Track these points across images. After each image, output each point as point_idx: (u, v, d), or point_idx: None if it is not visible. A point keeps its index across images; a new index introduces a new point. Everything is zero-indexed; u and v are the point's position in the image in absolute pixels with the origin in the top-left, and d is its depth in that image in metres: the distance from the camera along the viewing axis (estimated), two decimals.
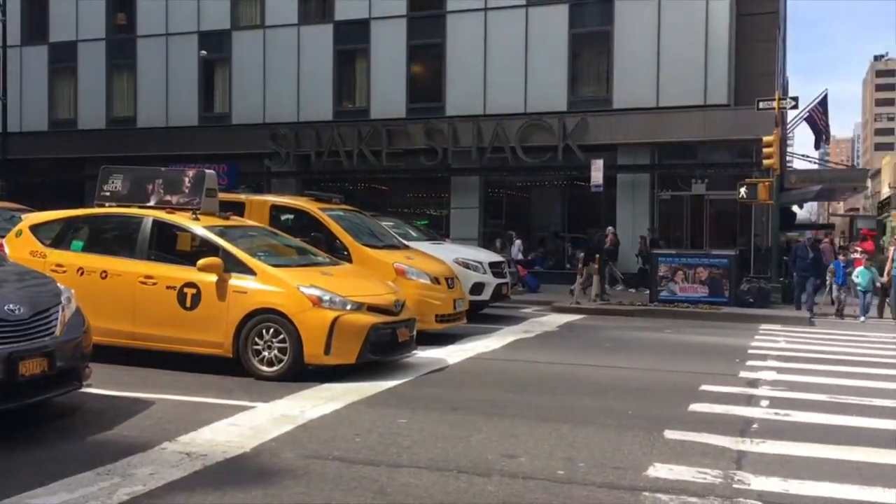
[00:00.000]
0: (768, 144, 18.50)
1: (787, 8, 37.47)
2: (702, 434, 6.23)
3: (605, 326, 14.30)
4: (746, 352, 11.08)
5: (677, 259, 18.02)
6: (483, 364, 9.68)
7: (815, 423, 6.78)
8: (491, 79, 25.43)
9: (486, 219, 26.31)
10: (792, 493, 4.87)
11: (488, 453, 5.62)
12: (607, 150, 23.46)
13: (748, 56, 23.92)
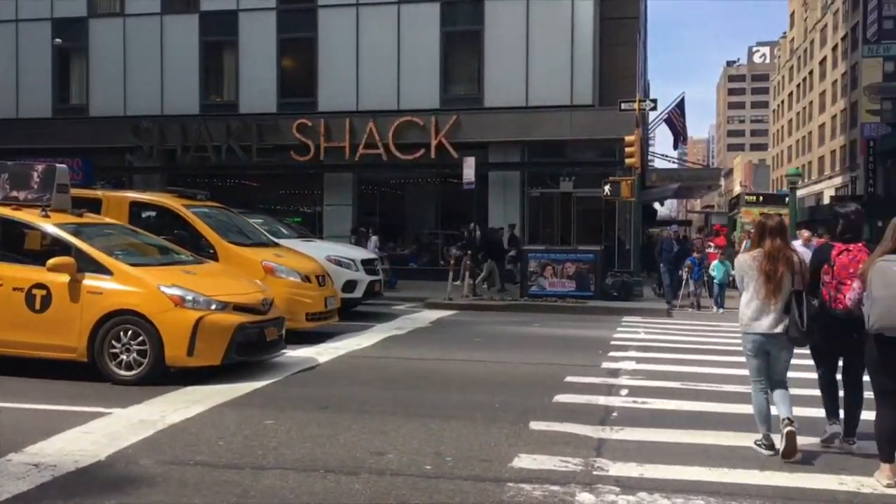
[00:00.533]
0: (630, 144, 19.30)
1: (647, 13, 39.23)
2: (565, 424, 6.43)
3: (476, 322, 14.52)
4: (609, 343, 11.52)
5: (546, 255, 18.53)
6: (354, 362, 9.63)
7: (669, 410, 7.13)
8: (364, 75, 25.32)
9: (360, 216, 26.16)
10: (646, 477, 5.10)
11: (357, 451, 5.59)
12: (479, 148, 23.82)
13: (611, 59, 24.88)
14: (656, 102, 21.80)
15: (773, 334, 5.72)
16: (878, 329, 5.06)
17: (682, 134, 32.85)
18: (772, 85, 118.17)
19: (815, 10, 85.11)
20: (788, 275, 5.73)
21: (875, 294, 5.02)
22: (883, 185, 58.45)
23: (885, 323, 5.00)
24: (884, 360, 5.16)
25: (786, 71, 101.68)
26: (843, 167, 71.17)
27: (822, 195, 74.58)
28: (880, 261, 5.11)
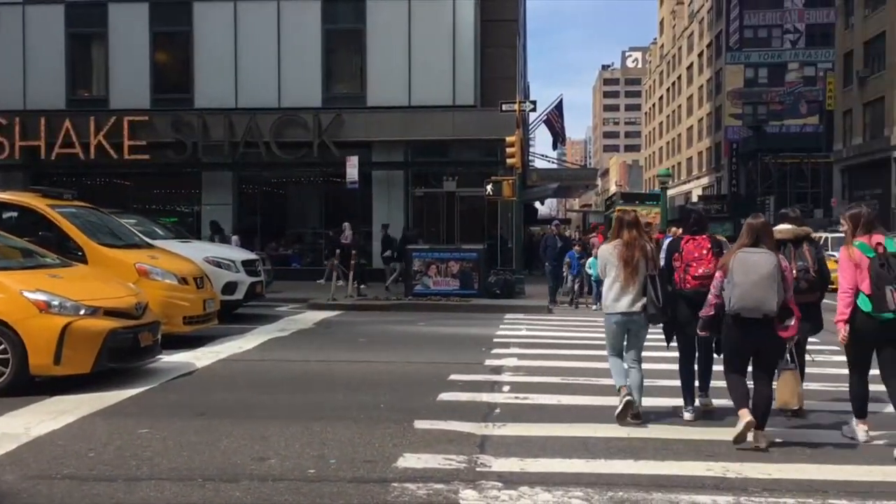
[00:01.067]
0: (511, 144, 19.67)
1: (526, 16, 40.09)
2: (449, 422, 6.48)
3: (360, 322, 14.43)
4: (492, 340, 11.70)
5: (430, 254, 18.64)
6: (234, 366, 9.38)
7: (550, 405, 7.31)
8: (243, 71, 24.74)
9: (241, 215, 25.57)
10: (528, 472, 5.21)
11: (237, 458, 5.45)
12: (362, 147, 23.75)
13: (492, 60, 25.29)
14: (536, 104, 22.32)
15: (631, 312, 6.60)
16: (738, 310, 5.81)
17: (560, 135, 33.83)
18: (644, 89, 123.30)
19: (683, 18, 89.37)
20: (643, 261, 6.61)
21: (736, 280, 5.78)
22: (745, 185, 61.97)
23: (743, 304, 5.76)
24: (738, 338, 5.96)
25: (656, 75, 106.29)
26: (709, 168, 75.07)
27: (691, 194, 78.40)
28: (740, 252, 5.89)
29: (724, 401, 6.73)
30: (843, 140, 47.32)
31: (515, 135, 19.79)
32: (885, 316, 5.73)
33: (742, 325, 5.87)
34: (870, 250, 5.82)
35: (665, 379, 8.22)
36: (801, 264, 6.57)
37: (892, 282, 5.69)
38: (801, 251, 6.70)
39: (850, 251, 5.94)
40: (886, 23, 41.36)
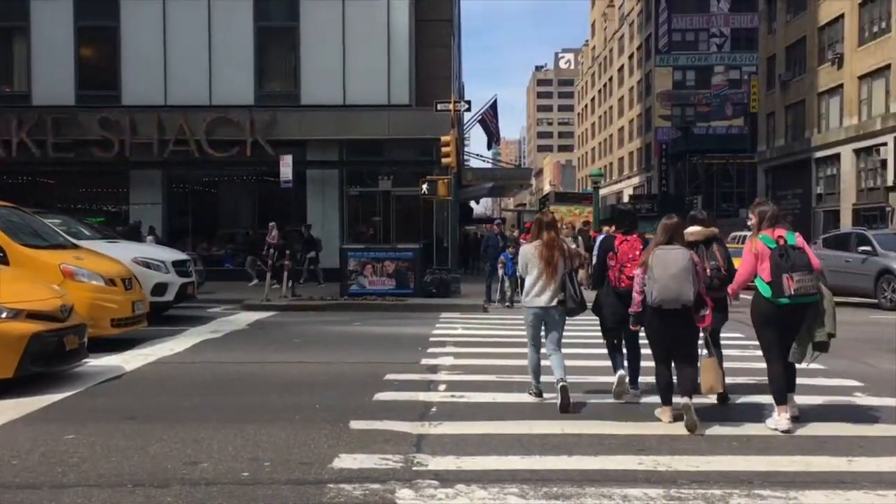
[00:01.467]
0: (446, 144, 19.74)
1: (460, 16, 40.24)
2: (385, 422, 6.47)
3: (295, 322, 14.28)
4: (428, 340, 11.72)
5: (366, 254, 18.56)
6: (165, 368, 9.18)
7: (485, 403, 7.36)
8: (173, 68, 24.23)
9: (171, 215, 25.04)
10: (465, 469, 5.23)
11: (168, 462, 5.33)
12: (297, 146, 23.51)
13: (427, 60, 25.34)
14: (470, 104, 22.46)
15: (550, 307, 7.18)
16: (659, 303, 6.38)
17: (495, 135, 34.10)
18: (576, 90, 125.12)
19: (614, 20, 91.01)
20: (562, 259, 7.21)
21: (656, 275, 6.35)
22: (674, 185, 63.47)
23: (664, 297, 6.33)
24: (661, 328, 6.52)
25: (588, 77, 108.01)
26: (640, 168, 76.65)
27: (622, 194, 79.93)
28: (657, 250, 6.48)
29: (655, 398, 6.91)
30: (766, 141, 48.88)
31: (450, 134, 19.87)
32: (782, 301, 6.34)
33: (663, 316, 6.43)
34: (772, 242, 6.43)
35: (599, 375, 8.36)
36: (713, 263, 7.10)
37: (788, 270, 6.29)
38: (712, 251, 7.26)
39: (754, 242, 6.55)
40: (806, 28, 42.89)
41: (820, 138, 41.04)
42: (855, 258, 18.64)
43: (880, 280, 17.92)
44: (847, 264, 18.79)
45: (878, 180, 35.83)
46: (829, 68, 40.11)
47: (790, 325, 6.44)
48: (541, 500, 4.65)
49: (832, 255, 19.35)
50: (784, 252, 6.36)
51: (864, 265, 18.30)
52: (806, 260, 6.39)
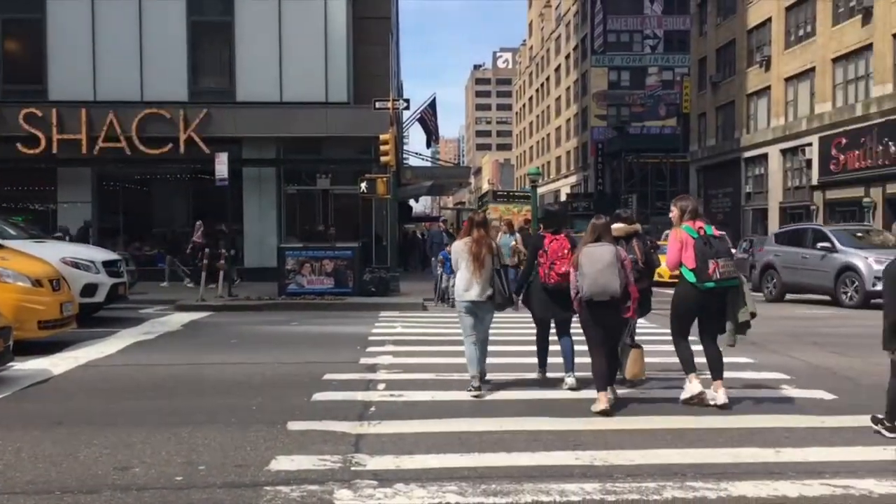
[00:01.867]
0: (385, 142, 19.68)
1: (398, 14, 40.19)
2: (324, 422, 6.41)
3: (231, 322, 14.06)
4: (367, 339, 11.67)
5: (304, 252, 18.38)
6: (96, 371, 8.93)
7: (424, 401, 7.36)
8: (102, 63, 23.60)
9: (101, 214, 24.39)
10: (403, 468, 5.22)
11: (98, 468, 5.19)
12: (232, 144, 23.15)
13: (365, 58, 25.24)
14: (409, 102, 22.46)
15: (479, 301, 7.64)
16: (589, 296, 6.88)
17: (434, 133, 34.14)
18: (514, 89, 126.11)
19: (550, 21, 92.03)
20: (489, 256, 7.68)
21: (585, 271, 6.87)
22: (610, 184, 64.53)
23: (593, 290, 6.84)
24: (593, 319, 7.01)
25: (526, 76, 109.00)
26: (577, 167, 77.69)
27: (560, 192, 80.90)
28: (586, 248, 7.00)
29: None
30: (698, 141, 50.09)
31: (389, 132, 19.82)
32: (707, 285, 6.93)
33: (593, 308, 6.95)
34: (694, 232, 7.06)
35: (535, 372, 8.44)
36: (631, 257, 7.57)
37: (713, 256, 6.90)
38: (632, 246, 7.89)
39: (678, 233, 7.18)
40: (736, 31, 44.08)
41: (749, 139, 42.24)
42: (813, 255, 18.40)
43: (841, 277, 17.64)
44: (804, 261, 18.63)
45: (804, 179, 37.06)
46: (757, 70, 41.31)
47: (711, 308, 7.08)
48: (479, 497, 4.67)
49: (787, 251, 19.38)
50: (707, 240, 6.97)
51: (823, 262, 18.00)
52: (727, 247, 7.07)
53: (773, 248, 20.59)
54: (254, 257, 23.57)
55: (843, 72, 34.18)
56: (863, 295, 17.07)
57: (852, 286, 17.42)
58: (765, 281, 20.37)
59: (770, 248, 20.73)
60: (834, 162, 33.77)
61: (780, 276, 19.71)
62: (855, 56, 33.11)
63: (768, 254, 20.56)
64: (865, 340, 9.13)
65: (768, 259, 20.37)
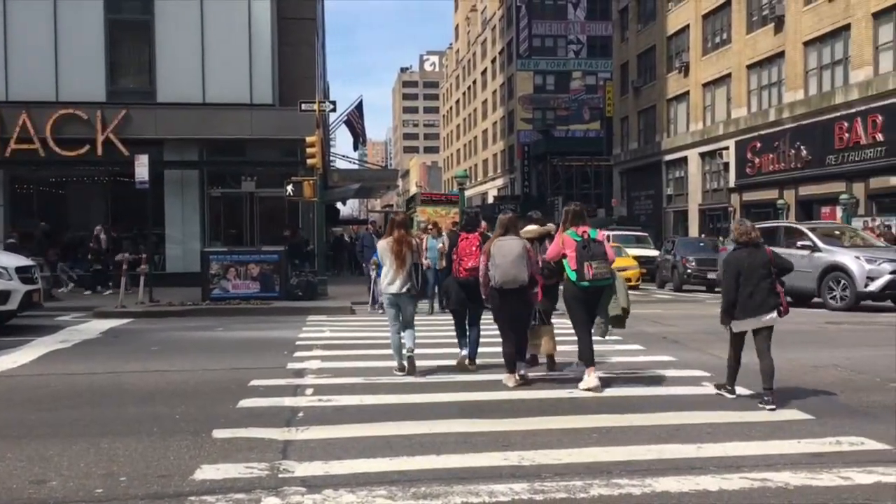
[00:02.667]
0: (311, 145, 19.48)
1: (324, 15, 39.87)
2: (250, 429, 6.30)
3: (153, 329, 13.69)
4: (295, 343, 11.52)
5: (229, 256, 18.05)
6: (8, 382, 8.57)
7: (353, 405, 7.30)
8: (14, 62, 22.72)
9: (13, 217, 23.41)
10: (332, 474, 5.17)
11: (13, 482, 4.97)
12: (153, 145, 22.53)
13: (291, 59, 24.92)
14: (336, 104, 22.27)
15: (400, 293, 8.71)
16: (501, 283, 7.90)
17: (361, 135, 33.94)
18: (441, 92, 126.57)
19: (477, 24, 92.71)
20: (409, 253, 8.73)
21: (497, 262, 7.89)
22: (536, 186, 65.39)
23: (505, 279, 7.87)
24: (502, 305, 8.05)
25: (453, 79, 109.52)
26: (504, 169, 78.43)
27: (487, 195, 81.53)
28: (497, 241, 8.02)
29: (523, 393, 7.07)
30: (621, 144, 51.20)
31: (315, 135, 19.63)
32: (583, 284, 7.81)
33: (504, 294, 7.98)
34: (577, 236, 7.88)
35: (463, 374, 8.49)
36: (543, 257, 8.37)
37: (588, 259, 7.73)
38: (545, 246, 8.59)
39: (562, 236, 8.05)
40: (656, 38, 45.25)
41: (669, 142, 43.39)
42: (791, 254, 17.06)
43: (826, 278, 16.75)
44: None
45: (721, 182, 38.28)
46: (676, 76, 42.48)
47: (592, 303, 7.98)
48: (409, 500, 4.65)
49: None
50: (586, 244, 7.81)
51: (805, 262, 16.73)
52: (602, 251, 7.88)
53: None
54: (177, 262, 23.02)
55: (757, 78, 35.45)
56: (853, 296, 16.29)
57: (840, 287, 16.59)
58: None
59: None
60: (750, 165, 34.97)
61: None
62: (768, 63, 34.38)
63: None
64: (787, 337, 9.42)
65: None
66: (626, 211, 48.14)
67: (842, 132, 28.89)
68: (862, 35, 28.20)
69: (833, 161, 29.52)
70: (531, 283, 8.02)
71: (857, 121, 28.02)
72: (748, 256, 7.23)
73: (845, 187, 28.56)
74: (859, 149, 28.11)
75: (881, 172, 27.37)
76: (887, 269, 16.30)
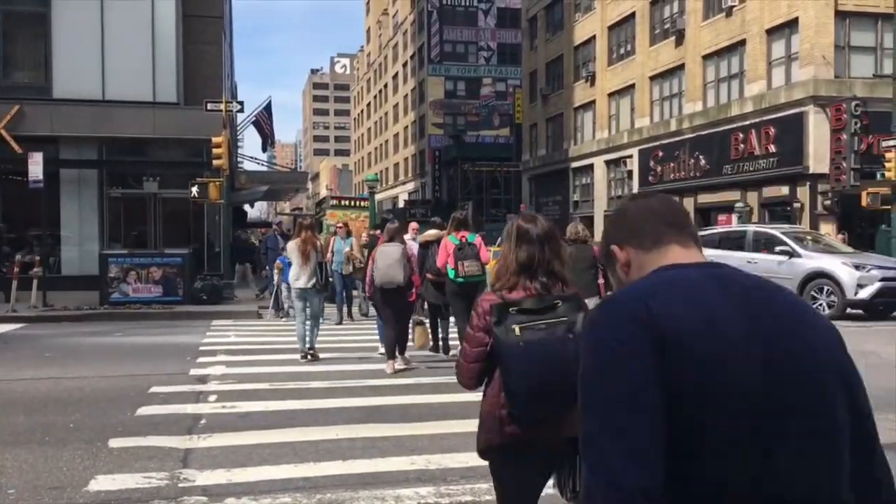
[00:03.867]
0: (217, 145, 19.06)
1: (232, 14, 39.07)
2: (149, 438, 6.11)
3: (47, 334, 13.11)
4: (198, 349, 11.23)
5: (129, 259, 17.46)
6: None
7: (258, 412, 7.18)
8: None
9: None
10: (235, 482, 5.07)
11: None
12: (49, 143, 21.55)
13: (197, 58, 24.28)
14: (243, 104, 21.85)
15: (307, 287, 9.93)
16: (380, 284, 9.09)
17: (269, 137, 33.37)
18: (352, 95, 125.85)
19: (388, 28, 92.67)
20: (314, 253, 9.96)
21: (378, 265, 9.06)
22: (447, 191, 65.78)
23: (383, 280, 9.06)
24: (384, 302, 9.24)
25: (364, 82, 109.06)
26: (415, 174, 78.59)
27: (398, 199, 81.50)
28: (380, 247, 9.27)
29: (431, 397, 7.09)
30: (530, 151, 52.06)
31: (222, 135, 19.21)
32: (458, 280, 9.06)
33: (385, 294, 9.13)
34: (456, 240, 9.12)
35: (371, 378, 8.46)
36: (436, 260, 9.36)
37: (462, 259, 8.94)
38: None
39: (445, 240, 9.23)
40: (563, 47, 46.23)
41: (576, 150, 44.38)
42: (765, 260, 16.43)
43: (809, 286, 15.86)
44: (753, 267, 16.04)
45: (625, 189, 39.40)
46: (583, 85, 43.51)
47: (469, 297, 8.71)
48: None
49: (727, 255, 16.78)
50: (462, 247, 9.08)
51: (782, 268, 16.02)
52: (476, 252, 9.16)
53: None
54: (73, 265, 22.05)
55: (659, 89, 36.66)
56: (841, 304, 15.41)
57: (825, 295, 15.73)
58: None
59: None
60: (652, 173, 36.11)
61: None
62: (670, 75, 35.59)
63: None
64: None
65: None
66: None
67: (737, 143, 30.17)
68: (756, 50, 29.54)
69: (729, 170, 30.79)
70: (409, 284, 9.16)
71: (752, 132, 29.31)
72: (576, 251, 8.66)
73: (740, 196, 29.81)
74: (753, 159, 29.41)
75: (773, 182, 28.72)
76: (877, 275, 15.52)
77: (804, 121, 26.86)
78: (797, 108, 27.13)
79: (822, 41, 26.69)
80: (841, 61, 27.11)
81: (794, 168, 27.24)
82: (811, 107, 26.64)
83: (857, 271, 15.51)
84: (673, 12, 35.32)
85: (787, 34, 28.24)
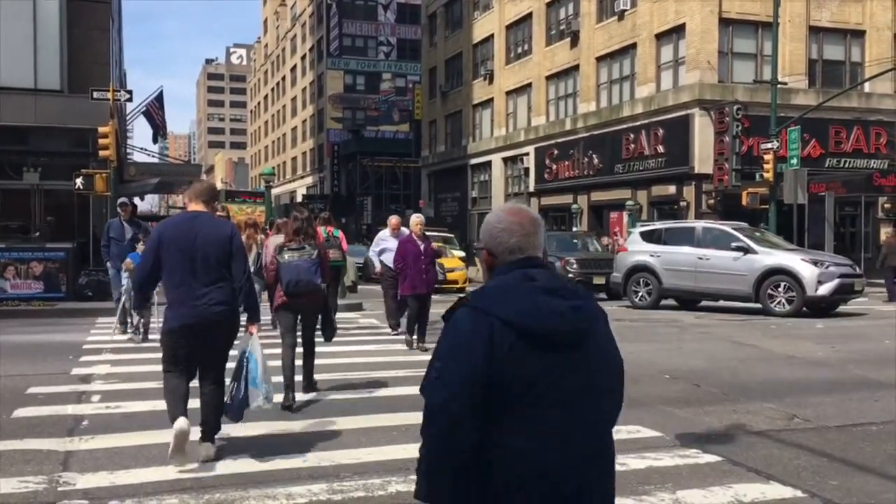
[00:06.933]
0: (104, 135, 18.35)
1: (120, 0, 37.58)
2: (26, 440, 5.84)
3: None
4: (82, 347, 10.77)
5: (7, 254, 16.57)
6: None
7: (144, 412, 6.94)
8: None
9: None
10: (118, 485, 4.91)
11: None
12: None
13: (82, 43, 23.23)
14: (132, 94, 21.11)
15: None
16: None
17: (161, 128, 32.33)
18: (249, 86, 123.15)
19: (286, 20, 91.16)
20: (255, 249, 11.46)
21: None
22: (346, 185, 65.31)
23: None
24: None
25: (261, 74, 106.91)
26: (313, 168, 77.69)
27: (296, 193, 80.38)
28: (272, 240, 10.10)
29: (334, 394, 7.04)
30: (429, 147, 52.28)
31: (109, 125, 18.51)
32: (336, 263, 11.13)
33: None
34: (325, 233, 10.36)
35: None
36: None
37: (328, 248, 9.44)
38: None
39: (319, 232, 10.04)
40: (463, 45, 46.65)
41: (475, 146, 44.88)
42: (718, 256, 16.22)
43: (766, 282, 15.61)
44: (703, 263, 16.44)
45: (522, 186, 40.12)
46: (482, 83, 44.02)
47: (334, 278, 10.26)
48: None
49: (671, 251, 17.14)
50: (329, 238, 10.74)
51: (738, 264, 15.89)
52: (338, 243, 11.38)
53: (645, 247, 17.74)
54: None
55: (555, 89, 37.50)
56: (800, 301, 15.30)
57: (783, 291, 15.56)
58: (633, 285, 17.83)
59: (640, 248, 17.87)
60: (548, 171, 36.92)
61: (658, 280, 17.31)
62: (565, 75, 36.46)
63: (638, 254, 17.79)
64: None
65: (640, 260, 17.62)
66: (434, 212, 49.24)
67: (628, 143, 31.23)
68: (647, 54, 30.62)
69: (621, 170, 31.83)
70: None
71: (642, 133, 30.39)
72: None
73: (631, 194, 30.87)
74: (643, 159, 30.51)
75: (661, 181, 29.88)
76: (836, 272, 15.66)
77: (690, 123, 28.07)
78: (684, 111, 28.32)
79: (708, 47, 27.94)
80: (724, 67, 28.47)
81: (681, 168, 28.43)
82: (697, 110, 27.86)
83: (817, 268, 15.45)
84: (568, 14, 36.18)
85: (675, 39, 29.40)
